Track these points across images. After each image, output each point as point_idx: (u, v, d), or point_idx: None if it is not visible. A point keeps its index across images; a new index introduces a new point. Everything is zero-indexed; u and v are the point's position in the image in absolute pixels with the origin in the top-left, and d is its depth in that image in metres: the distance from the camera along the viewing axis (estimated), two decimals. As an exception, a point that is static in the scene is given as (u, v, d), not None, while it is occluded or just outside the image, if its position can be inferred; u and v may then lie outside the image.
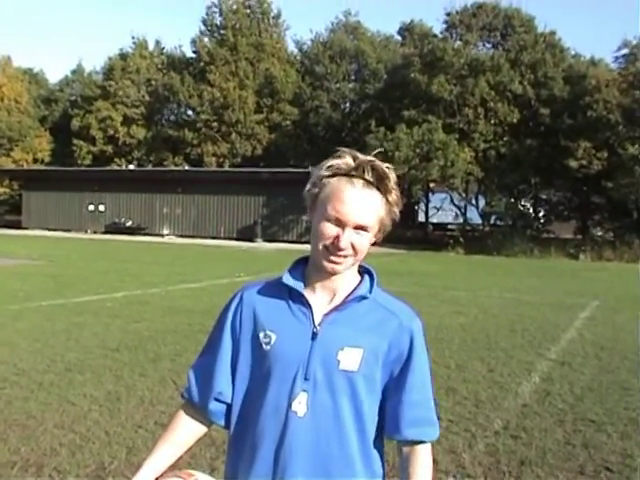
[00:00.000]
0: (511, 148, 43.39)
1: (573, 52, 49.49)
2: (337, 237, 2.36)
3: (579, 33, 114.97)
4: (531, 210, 49.94)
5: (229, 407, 2.56)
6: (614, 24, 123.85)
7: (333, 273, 2.43)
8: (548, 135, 42.75)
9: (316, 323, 2.44)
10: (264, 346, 2.46)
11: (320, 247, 2.40)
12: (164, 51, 67.31)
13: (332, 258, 2.39)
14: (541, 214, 49.83)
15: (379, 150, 2.46)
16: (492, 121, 44.01)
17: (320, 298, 2.48)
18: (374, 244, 2.50)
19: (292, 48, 64.09)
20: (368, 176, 2.38)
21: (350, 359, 2.41)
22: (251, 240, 45.99)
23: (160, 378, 9.08)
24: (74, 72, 73.94)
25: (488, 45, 49.01)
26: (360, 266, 2.56)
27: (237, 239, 46.79)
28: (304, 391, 2.41)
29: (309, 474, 2.40)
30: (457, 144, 42.35)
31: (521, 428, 7.38)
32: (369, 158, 2.43)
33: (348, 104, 58.21)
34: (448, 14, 48.45)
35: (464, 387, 9.03)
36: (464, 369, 10.08)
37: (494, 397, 8.59)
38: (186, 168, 56.65)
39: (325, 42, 59.14)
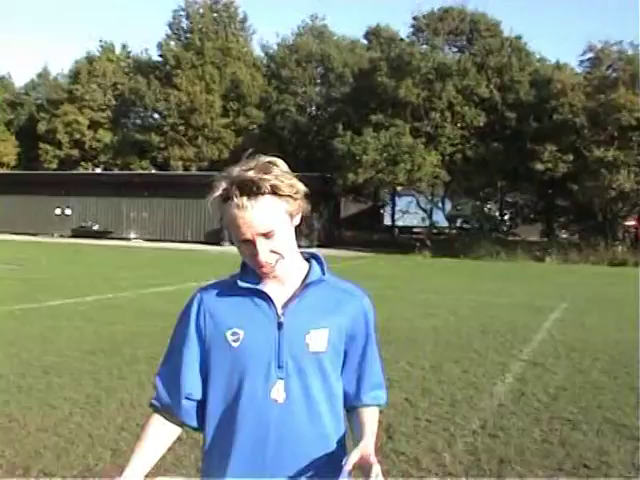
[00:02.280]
0: (477, 151, 43.49)
1: (538, 56, 49.76)
2: (254, 255, 2.48)
3: (544, 37, 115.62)
4: (497, 213, 50.15)
5: (199, 408, 2.64)
6: (579, 28, 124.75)
7: (273, 275, 2.55)
8: (514, 138, 42.88)
9: (279, 313, 2.54)
10: (233, 343, 2.54)
11: (249, 263, 2.55)
12: (130, 55, 67.02)
13: (262, 271, 2.52)
14: (507, 217, 50.03)
15: (249, 151, 2.51)
16: (459, 125, 44.11)
17: (275, 290, 2.57)
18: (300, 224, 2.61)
19: (258, 52, 64.02)
20: (246, 191, 2.43)
21: (318, 341, 2.53)
22: (218, 244, 45.89)
23: (138, 381, 9.11)
24: (40, 76, 73.42)
25: (454, 49, 49.10)
26: (305, 252, 2.69)
27: (204, 243, 46.69)
28: (280, 379, 2.51)
29: (296, 458, 2.51)
30: (424, 148, 42.42)
31: (498, 427, 7.49)
32: (234, 175, 2.46)
33: (314, 108, 58.18)
34: (415, 18, 48.52)
35: (440, 388, 9.13)
36: (439, 370, 10.18)
37: (470, 397, 8.70)
38: (153, 172, 56.48)
39: (291, 46, 59.10)
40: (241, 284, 2.59)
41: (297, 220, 2.56)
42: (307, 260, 2.67)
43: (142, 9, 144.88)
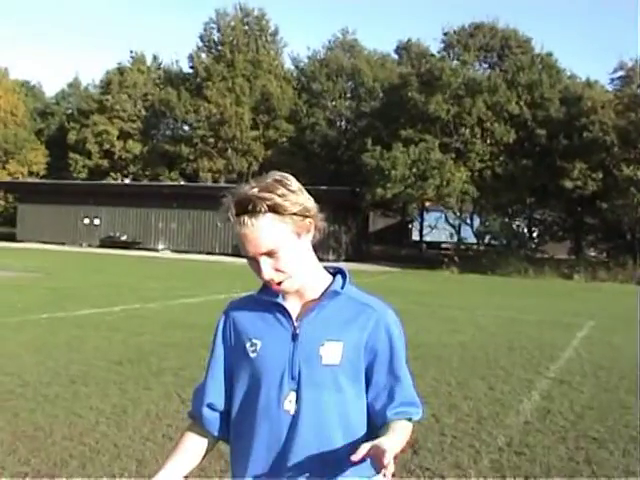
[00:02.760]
0: (506, 168, 43.34)
1: (569, 73, 49.75)
2: (259, 272, 2.50)
3: (575, 54, 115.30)
4: (525, 230, 49.94)
5: (224, 419, 2.68)
6: (610, 46, 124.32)
7: (285, 293, 2.57)
8: (544, 155, 42.74)
9: (295, 325, 2.55)
10: (251, 354, 2.57)
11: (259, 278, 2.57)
12: (161, 66, 67.45)
13: (272, 287, 2.53)
14: (535, 234, 49.85)
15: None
16: (488, 141, 44.01)
17: (293, 304, 2.59)
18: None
19: (289, 65, 64.34)
20: (244, 209, 2.44)
21: (331, 353, 2.51)
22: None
23: (165, 392, 9.12)
24: (71, 85, 74.23)
25: (485, 65, 49.07)
26: (331, 267, 2.70)
27: (232, 255, 46.71)
28: (293, 390, 2.51)
29: (306, 469, 2.49)
30: (453, 163, 42.35)
31: (524, 445, 7.45)
32: (237, 193, 2.49)
33: (344, 122, 58.33)
34: (445, 34, 48.41)
35: (466, 404, 9.10)
36: (465, 386, 10.14)
37: (496, 414, 8.66)
38: (182, 183, 56.67)
39: (322, 60, 59.34)
40: (261, 297, 2.63)
41: (308, 238, 2.56)
42: (333, 275, 2.66)
43: (173, 21, 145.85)
